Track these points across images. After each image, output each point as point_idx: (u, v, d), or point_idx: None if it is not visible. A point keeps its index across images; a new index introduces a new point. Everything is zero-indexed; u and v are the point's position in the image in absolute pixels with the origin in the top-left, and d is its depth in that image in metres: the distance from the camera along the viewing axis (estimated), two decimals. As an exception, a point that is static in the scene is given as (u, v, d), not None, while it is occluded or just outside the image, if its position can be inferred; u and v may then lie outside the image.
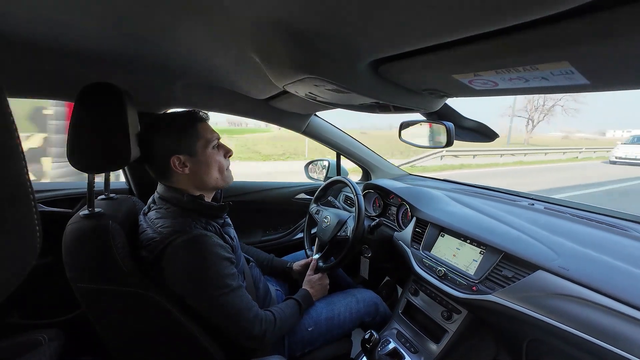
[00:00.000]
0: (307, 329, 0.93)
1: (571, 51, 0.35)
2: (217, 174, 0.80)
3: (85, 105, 0.65)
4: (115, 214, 0.73)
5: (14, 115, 0.22)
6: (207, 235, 0.70)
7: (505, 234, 0.88)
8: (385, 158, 1.73)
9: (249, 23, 0.47)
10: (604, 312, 0.61)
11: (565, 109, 26.90)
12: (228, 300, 0.70)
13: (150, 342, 0.71)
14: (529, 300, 0.72)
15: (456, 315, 0.96)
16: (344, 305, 1.02)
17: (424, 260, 1.03)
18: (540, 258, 0.75)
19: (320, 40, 0.47)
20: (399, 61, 0.52)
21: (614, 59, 0.36)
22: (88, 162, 0.66)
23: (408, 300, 1.13)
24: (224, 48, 0.60)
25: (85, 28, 0.52)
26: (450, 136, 0.98)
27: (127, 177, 1.23)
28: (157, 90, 0.98)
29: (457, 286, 0.90)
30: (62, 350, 0.91)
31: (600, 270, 0.67)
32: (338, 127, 1.55)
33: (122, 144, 0.67)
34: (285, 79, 0.59)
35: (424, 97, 0.71)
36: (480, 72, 0.47)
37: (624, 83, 0.44)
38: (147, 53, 0.65)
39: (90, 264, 0.65)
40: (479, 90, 0.57)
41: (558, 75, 0.42)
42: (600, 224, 0.88)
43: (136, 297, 0.66)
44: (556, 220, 0.93)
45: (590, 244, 0.76)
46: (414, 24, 0.37)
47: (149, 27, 0.52)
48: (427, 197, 1.22)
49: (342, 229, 1.12)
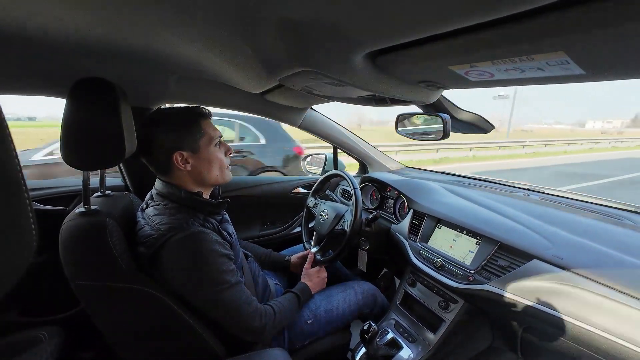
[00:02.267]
0: (306, 322, 0.94)
1: (567, 41, 0.35)
2: (217, 171, 0.79)
3: (77, 101, 0.64)
4: (112, 210, 0.72)
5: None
6: (205, 233, 0.70)
7: (500, 225, 0.89)
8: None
9: (243, 15, 0.46)
10: (597, 300, 0.62)
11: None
12: (227, 295, 0.71)
13: (151, 338, 0.71)
14: (524, 289, 0.73)
15: (453, 305, 0.97)
16: (343, 298, 1.03)
17: (421, 252, 1.04)
18: (535, 247, 0.76)
19: (315, 32, 0.47)
20: (394, 53, 0.52)
21: (609, 49, 0.36)
22: (82, 160, 0.65)
23: (405, 291, 1.14)
24: (217, 41, 0.59)
25: (74, 21, 0.51)
26: (446, 128, 0.98)
27: (122, 174, 1.22)
28: (150, 84, 0.96)
29: (453, 276, 0.91)
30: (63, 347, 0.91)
31: (594, 258, 0.69)
32: (334, 121, 1.55)
33: (116, 140, 0.66)
34: (280, 72, 0.59)
35: (420, 89, 0.71)
36: (477, 63, 0.47)
37: (619, 73, 0.44)
38: (139, 47, 0.64)
39: (87, 261, 0.65)
40: (475, 81, 0.57)
41: (554, 65, 0.42)
42: (595, 213, 0.89)
43: (135, 293, 0.66)
44: (551, 210, 0.94)
45: (585, 233, 0.78)
46: (409, 15, 0.37)
47: (140, 20, 0.51)
48: (423, 189, 1.23)
49: (339, 223, 1.13)
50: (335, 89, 0.66)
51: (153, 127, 0.74)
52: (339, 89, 0.66)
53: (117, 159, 0.68)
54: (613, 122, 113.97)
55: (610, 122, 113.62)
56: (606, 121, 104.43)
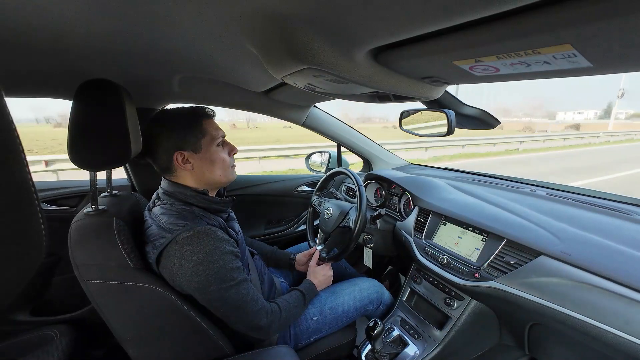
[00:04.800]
0: (312, 319, 0.95)
1: (574, 33, 0.35)
2: (220, 171, 0.80)
3: (83, 103, 0.64)
4: (119, 210, 0.73)
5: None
6: (212, 230, 0.70)
7: (507, 221, 0.88)
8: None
9: (245, 13, 0.46)
10: (606, 296, 0.62)
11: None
12: (234, 293, 0.71)
13: (159, 335, 0.72)
14: (531, 286, 0.73)
15: (459, 302, 0.97)
16: (348, 295, 1.03)
17: (427, 249, 1.03)
18: (543, 244, 0.75)
19: (318, 29, 0.46)
20: (398, 49, 0.52)
21: (618, 40, 0.35)
22: (89, 160, 0.66)
23: (411, 288, 1.14)
24: (220, 40, 0.59)
25: (80, 23, 0.51)
26: (451, 124, 0.97)
27: (128, 174, 1.23)
28: (154, 85, 0.97)
29: (459, 273, 0.90)
30: (74, 345, 0.93)
31: (602, 254, 0.68)
32: (338, 118, 1.54)
33: (121, 140, 0.67)
34: (283, 71, 0.59)
35: (424, 85, 0.70)
36: (481, 58, 0.46)
37: (628, 65, 0.44)
38: (144, 48, 0.64)
39: (96, 261, 0.66)
40: (480, 76, 0.57)
41: (560, 58, 0.42)
42: (603, 209, 0.88)
43: (143, 291, 0.67)
44: (558, 206, 0.93)
45: (593, 229, 0.77)
46: (413, 10, 0.36)
47: (144, 20, 0.51)
48: (428, 186, 1.22)
49: (344, 220, 1.13)
50: (338, 86, 0.66)
51: (156, 127, 0.75)
52: (342, 86, 0.65)
53: (124, 159, 0.68)
54: (585, 113, 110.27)
55: (581, 112, 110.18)
56: (577, 112, 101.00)
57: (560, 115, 68.22)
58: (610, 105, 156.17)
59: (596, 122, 65.54)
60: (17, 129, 0.22)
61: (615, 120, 71.88)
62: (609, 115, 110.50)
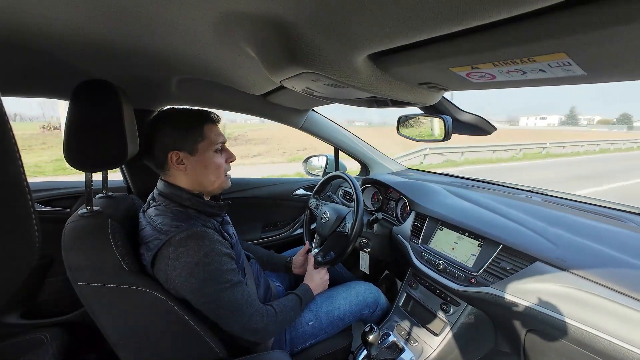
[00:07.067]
0: (307, 323, 0.94)
1: (568, 42, 0.35)
2: (213, 176, 0.80)
3: (80, 103, 0.64)
4: (114, 212, 0.73)
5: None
6: (207, 232, 0.70)
7: (503, 226, 0.89)
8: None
9: (244, 16, 0.46)
10: (601, 303, 0.62)
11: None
12: (229, 294, 0.71)
13: (153, 339, 0.71)
14: (527, 292, 0.73)
15: (455, 307, 0.97)
16: (344, 299, 1.02)
17: (423, 254, 1.03)
18: (539, 250, 0.76)
19: (316, 34, 0.47)
20: (396, 54, 0.52)
21: (611, 50, 0.36)
22: (85, 161, 0.66)
23: (407, 293, 1.14)
24: (219, 42, 0.59)
25: (77, 23, 0.51)
26: (447, 130, 0.98)
27: (124, 175, 1.23)
28: (152, 86, 0.97)
29: (455, 279, 0.90)
30: (65, 349, 0.91)
31: (597, 261, 0.68)
32: (336, 122, 1.55)
33: (118, 142, 0.66)
34: (281, 74, 0.59)
35: (421, 90, 0.71)
36: (478, 65, 0.47)
37: (622, 74, 0.44)
38: (142, 49, 0.64)
39: (90, 263, 0.65)
40: (477, 83, 0.57)
41: (555, 67, 0.42)
42: (598, 215, 0.88)
43: (137, 294, 0.66)
44: (554, 212, 0.94)
45: (588, 235, 0.77)
46: (410, 17, 0.37)
47: (142, 21, 0.51)
48: (425, 191, 1.23)
49: (341, 225, 1.13)
50: (336, 90, 0.66)
51: (157, 125, 0.76)
52: (340, 90, 0.66)
53: (120, 160, 0.68)
54: (548, 118, 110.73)
55: (544, 118, 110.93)
56: (539, 117, 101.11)
57: (522, 121, 68.16)
58: (572, 110, 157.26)
59: (561, 129, 63.56)
60: (12, 128, 0.22)
61: (579, 127, 70.86)
62: (573, 121, 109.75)
